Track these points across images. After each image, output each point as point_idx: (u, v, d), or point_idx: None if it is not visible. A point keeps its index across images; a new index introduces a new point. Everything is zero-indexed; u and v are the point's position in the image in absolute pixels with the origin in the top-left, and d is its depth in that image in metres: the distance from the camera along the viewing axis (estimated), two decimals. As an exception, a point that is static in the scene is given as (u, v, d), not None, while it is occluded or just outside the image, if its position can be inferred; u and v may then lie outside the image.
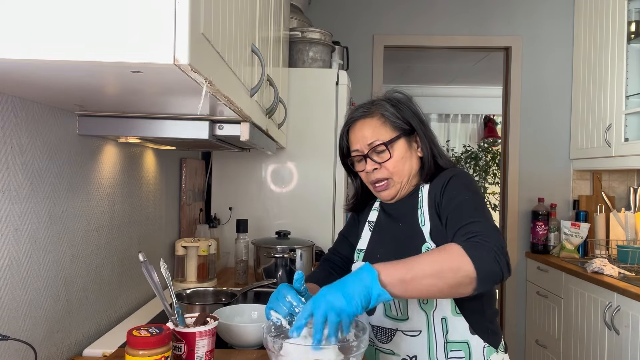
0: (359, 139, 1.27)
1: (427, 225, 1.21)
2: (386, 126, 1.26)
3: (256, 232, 2.35)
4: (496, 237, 1.04)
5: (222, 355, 1.22)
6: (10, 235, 1.03)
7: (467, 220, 1.09)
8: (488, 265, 0.98)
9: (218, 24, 0.85)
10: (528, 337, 3.41)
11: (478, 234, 1.04)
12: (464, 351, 1.19)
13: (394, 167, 1.25)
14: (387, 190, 1.27)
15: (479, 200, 1.16)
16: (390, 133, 1.26)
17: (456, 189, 1.19)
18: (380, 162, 1.25)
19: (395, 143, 1.25)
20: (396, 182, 1.26)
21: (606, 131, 2.90)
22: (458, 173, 1.23)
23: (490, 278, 1.00)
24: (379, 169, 1.26)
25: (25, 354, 1.07)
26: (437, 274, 0.97)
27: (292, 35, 2.38)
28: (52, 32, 0.66)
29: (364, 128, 1.27)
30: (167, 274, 1.11)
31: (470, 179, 1.22)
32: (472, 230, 1.05)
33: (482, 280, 0.98)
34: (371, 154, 1.25)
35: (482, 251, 0.99)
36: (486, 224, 1.07)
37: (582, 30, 3.27)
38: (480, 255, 0.99)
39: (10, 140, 1.03)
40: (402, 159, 1.26)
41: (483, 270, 0.98)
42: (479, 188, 1.23)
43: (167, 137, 1.28)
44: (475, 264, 0.97)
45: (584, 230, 3.09)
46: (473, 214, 1.11)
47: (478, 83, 6.08)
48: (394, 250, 1.26)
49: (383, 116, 1.27)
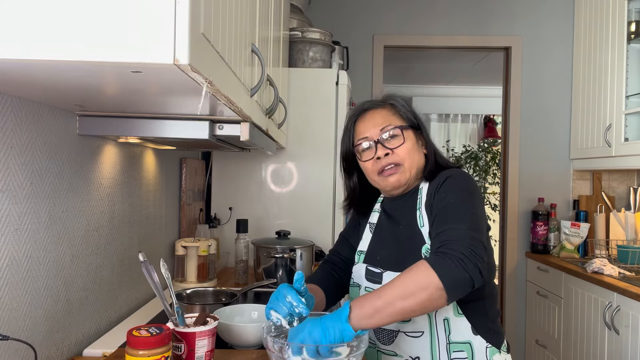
0: (369, 127, 1.26)
1: (425, 226, 1.21)
2: (397, 116, 1.27)
3: (256, 232, 2.35)
4: (464, 242, 1.03)
5: (222, 355, 1.22)
6: (10, 235, 1.03)
7: (444, 227, 1.10)
8: (454, 274, 1.00)
9: (218, 24, 0.85)
10: (528, 337, 3.41)
11: (446, 242, 1.05)
12: (467, 352, 1.19)
13: (407, 153, 1.24)
14: (395, 175, 1.24)
15: (466, 203, 1.14)
16: (402, 121, 1.27)
17: (446, 190, 1.18)
18: (392, 147, 1.24)
19: (407, 130, 1.26)
20: (406, 170, 1.24)
21: (606, 131, 2.90)
22: (454, 174, 1.22)
23: (459, 286, 1.01)
24: (390, 154, 1.24)
25: (25, 354, 1.07)
26: (407, 295, 0.99)
27: (292, 35, 2.38)
28: (52, 32, 0.66)
29: (376, 116, 1.27)
30: (167, 274, 1.11)
31: (465, 179, 1.21)
32: (443, 239, 1.06)
33: (451, 290, 0.99)
34: (382, 140, 1.24)
35: (447, 260, 1.01)
36: (457, 231, 1.07)
37: (582, 30, 3.27)
38: (444, 265, 1.00)
39: (10, 140, 1.03)
40: (413, 149, 1.26)
41: (449, 280, 0.99)
42: (476, 188, 1.22)
43: (167, 137, 1.28)
44: (441, 276, 0.98)
45: (584, 230, 3.09)
46: (452, 219, 1.10)
47: (478, 83, 6.08)
48: (394, 251, 1.26)
49: (394, 107, 1.28)
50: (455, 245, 1.03)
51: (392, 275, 1.21)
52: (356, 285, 1.32)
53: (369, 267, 1.29)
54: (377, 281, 1.25)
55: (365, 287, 1.29)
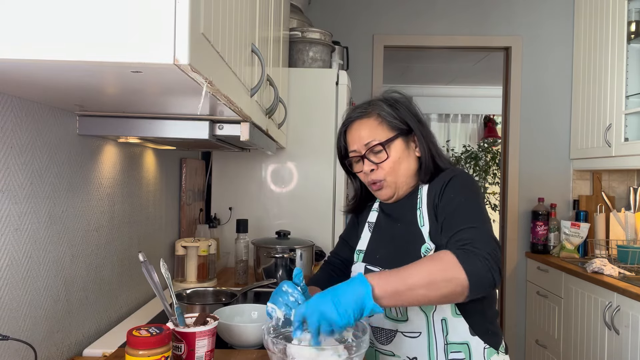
0: (355, 140, 1.27)
1: (426, 225, 1.21)
2: (383, 126, 1.26)
3: (256, 232, 2.35)
4: (490, 244, 1.05)
5: (222, 355, 1.22)
6: (10, 235, 1.03)
7: (462, 225, 1.10)
8: (480, 273, 1.00)
9: (218, 24, 0.85)
10: (528, 337, 3.41)
11: (471, 241, 1.05)
12: (464, 352, 1.19)
13: (391, 167, 1.25)
14: (382, 190, 1.28)
15: (476, 204, 1.16)
16: (387, 133, 1.25)
17: (454, 190, 1.18)
18: (378, 162, 1.25)
19: (392, 143, 1.25)
20: (390, 183, 1.26)
21: (606, 131, 2.90)
22: (459, 174, 1.22)
23: (482, 286, 1.01)
24: (376, 170, 1.26)
25: (25, 354, 1.07)
26: (430, 284, 0.99)
27: (292, 35, 2.38)
28: (53, 32, 0.66)
29: (361, 128, 1.27)
30: (167, 274, 1.11)
31: (470, 180, 1.22)
32: (466, 237, 1.06)
33: (474, 289, 1.00)
34: (368, 154, 1.25)
35: (475, 260, 1.01)
36: (481, 230, 1.08)
37: (582, 30, 3.27)
38: (473, 263, 1.00)
39: (10, 140, 1.03)
40: (399, 159, 1.25)
41: (475, 279, 1.00)
42: (480, 189, 1.23)
43: (167, 137, 1.28)
44: (468, 273, 0.99)
45: (584, 230, 3.09)
46: (469, 218, 1.11)
47: (478, 83, 6.07)
48: (393, 250, 1.26)
49: (380, 116, 1.27)
50: (480, 245, 1.03)
51: None
52: None
53: (367, 266, 1.29)
54: None
55: None
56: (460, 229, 1.09)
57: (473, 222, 1.10)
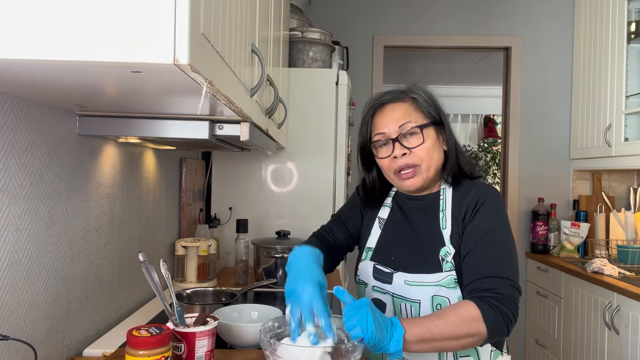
0: (388, 122, 1.20)
1: (448, 229, 1.19)
2: (418, 112, 1.21)
3: (256, 232, 2.35)
4: (514, 298, 1.08)
5: (222, 355, 1.22)
6: (10, 235, 1.03)
7: (488, 272, 1.10)
8: (500, 327, 1.06)
9: (218, 24, 0.85)
10: (528, 337, 3.41)
11: (498, 296, 1.07)
12: (473, 357, 1.19)
13: (426, 153, 1.18)
14: (413, 178, 1.19)
15: (504, 242, 1.15)
16: (422, 118, 1.20)
17: (487, 218, 1.16)
18: (410, 147, 1.18)
19: (428, 129, 1.20)
20: (424, 171, 1.19)
21: (606, 131, 2.90)
22: (493, 198, 1.19)
23: (498, 336, 1.09)
24: (408, 154, 1.18)
25: (25, 354, 1.07)
26: (454, 337, 1.03)
27: (292, 35, 2.38)
28: (52, 32, 0.66)
29: (395, 111, 1.21)
30: (167, 274, 1.11)
31: (501, 204, 1.20)
32: (492, 289, 1.08)
33: (490, 339, 1.07)
34: (401, 138, 1.18)
35: (498, 317, 1.05)
36: (507, 283, 1.09)
37: (582, 30, 3.27)
38: (495, 322, 1.05)
39: (10, 140, 1.03)
40: (433, 147, 1.19)
41: (494, 332, 1.06)
42: (506, 212, 1.21)
43: (167, 137, 1.28)
44: (489, 328, 1.04)
45: (584, 230, 3.09)
46: (495, 265, 1.11)
47: (478, 83, 6.07)
48: (410, 252, 1.22)
49: (416, 101, 1.22)
50: (506, 302, 1.07)
51: (403, 276, 1.19)
52: (362, 283, 1.29)
53: (377, 266, 1.25)
54: (387, 281, 1.22)
55: (372, 286, 1.26)
56: (488, 275, 1.10)
57: (498, 269, 1.10)
